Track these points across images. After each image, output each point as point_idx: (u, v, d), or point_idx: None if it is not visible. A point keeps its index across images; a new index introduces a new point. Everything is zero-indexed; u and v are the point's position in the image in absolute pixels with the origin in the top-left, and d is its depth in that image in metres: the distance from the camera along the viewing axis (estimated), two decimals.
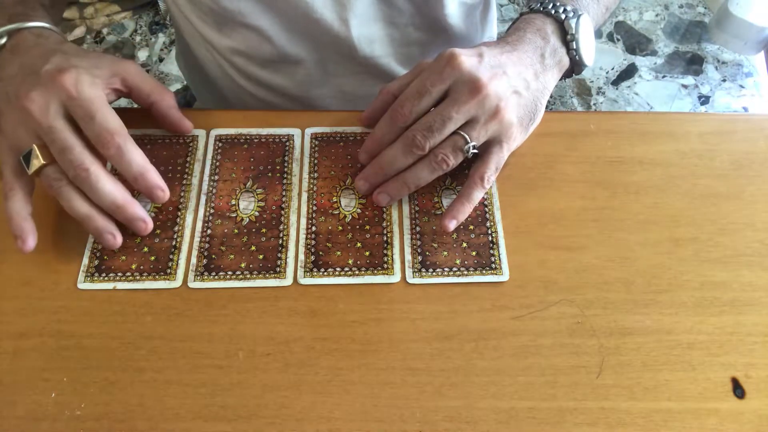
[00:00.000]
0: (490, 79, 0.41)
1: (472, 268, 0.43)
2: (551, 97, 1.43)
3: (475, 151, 0.42)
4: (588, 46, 0.47)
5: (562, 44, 0.46)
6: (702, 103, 1.43)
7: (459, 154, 0.42)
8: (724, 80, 1.46)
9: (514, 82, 0.43)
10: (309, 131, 0.49)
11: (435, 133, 0.41)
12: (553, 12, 0.46)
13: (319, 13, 0.51)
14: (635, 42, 1.53)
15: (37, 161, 0.40)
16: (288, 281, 0.42)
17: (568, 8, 0.46)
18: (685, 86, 1.45)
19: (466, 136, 0.42)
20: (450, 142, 0.42)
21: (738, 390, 0.39)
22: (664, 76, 1.47)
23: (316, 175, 0.47)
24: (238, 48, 0.56)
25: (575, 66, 0.47)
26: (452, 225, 0.42)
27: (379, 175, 0.44)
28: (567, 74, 0.48)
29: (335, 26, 0.53)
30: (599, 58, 1.48)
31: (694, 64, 1.49)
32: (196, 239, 0.44)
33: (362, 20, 0.53)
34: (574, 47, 0.46)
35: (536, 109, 0.45)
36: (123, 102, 1.49)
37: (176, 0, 0.56)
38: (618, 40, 1.53)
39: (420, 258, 0.43)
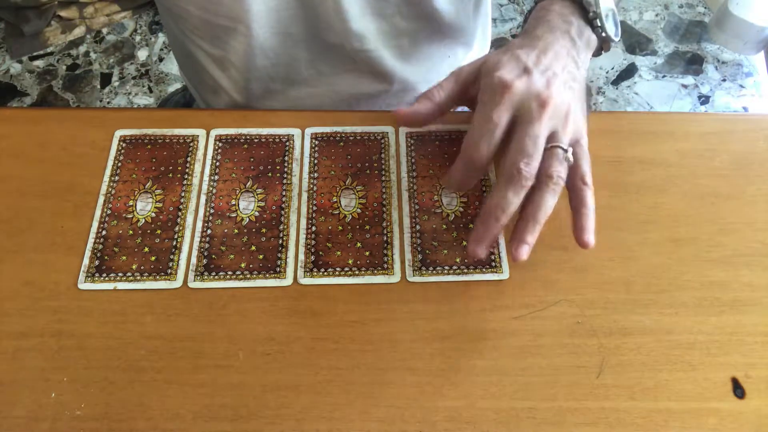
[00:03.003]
0: (547, 87, 0.41)
1: (472, 267, 0.43)
2: None
3: (571, 156, 0.41)
4: (611, 20, 0.46)
5: (586, 23, 0.45)
6: (702, 103, 1.43)
7: (565, 165, 0.40)
8: (724, 80, 1.46)
9: (565, 78, 0.42)
10: (309, 131, 0.49)
11: (534, 157, 0.39)
12: None
13: (318, 11, 0.51)
14: (635, 42, 1.53)
15: None
16: (288, 281, 0.42)
17: None
18: (685, 86, 1.45)
19: (561, 145, 0.40)
20: (552, 158, 0.40)
21: (738, 390, 0.39)
22: (664, 76, 1.47)
23: (316, 175, 0.47)
24: (231, 59, 0.56)
25: (603, 42, 0.47)
26: (591, 238, 0.40)
27: (495, 227, 0.39)
28: (596, 52, 0.48)
29: (334, 24, 0.53)
30: (599, 58, 1.48)
31: (694, 63, 1.49)
32: (197, 239, 0.44)
33: (353, 15, 0.53)
34: (599, 24, 0.45)
35: (584, 96, 0.44)
36: (123, 101, 1.49)
37: (168, 9, 0.56)
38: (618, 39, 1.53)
39: (420, 256, 0.43)
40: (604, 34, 0.46)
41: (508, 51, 0.43)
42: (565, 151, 0.40)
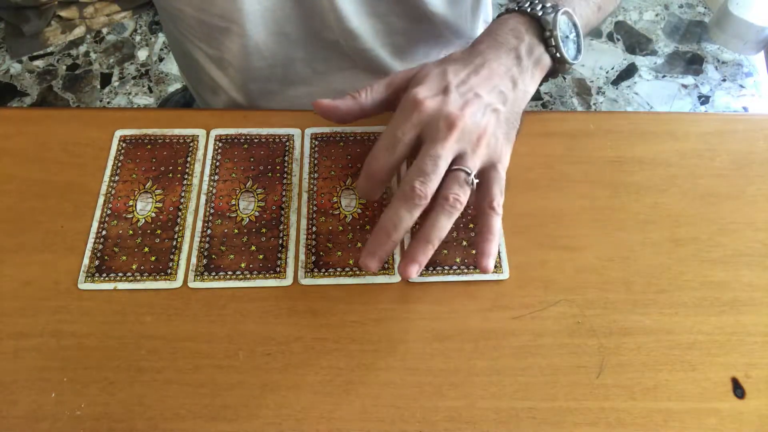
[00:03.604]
0: (461, 109, 0.40)
1: (472, 267, 0.43)
2: (551, 97, 1.43)
3: (477, 180, 0.40)
4: (571, 43, 0.45)
5: (540, 42, 0.44)
6: (702, 103, 1.43)
7: (466, 189, 0.39)
8: (724, 80, 1.46)
9: (489, 100, 0.41)
10: (309, 131, 0.49)
11: (431, 176, 0.38)
12: (528, 9, 0.44)
13: (314, 10, 0.51)
14: (635, 42, 1.53)
15: None
16: (288, 281, 0.42)
17: (547, 5, 0.44)
18: (685, 86, 1.45)
19: (465, 168, 0.39)
20: (452, 180, 0.39)
21: (738, 390, 0.39)
22: (664, 76, 1.47)
23: (316, 175, 0.47)
24: (228, 59, 0.56)
25: (558, 65, 0.45)
26: (490, 263, 0.40)
27: (387, 243, 0.39)
28: (551, 73, 0.46)
29: (331, 23, 0.53)
30: (599, 57, 1.48)
31: (694, 63, 1.49)
32: (196, 239, 0.44)
33: (348, 13, 0.53)
34: (553, 44, 0.44)
35: (517, 118, 0.43)
36: (123, 101, 1.49)
37: (165, 10, 0.56)
38: (618, 39, 1.53)
39: None
40: (558, 55, 0.44)
41: (441, 64, 0.42)
42: (468, 174, 0.39)
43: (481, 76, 0.42)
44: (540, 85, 0.47)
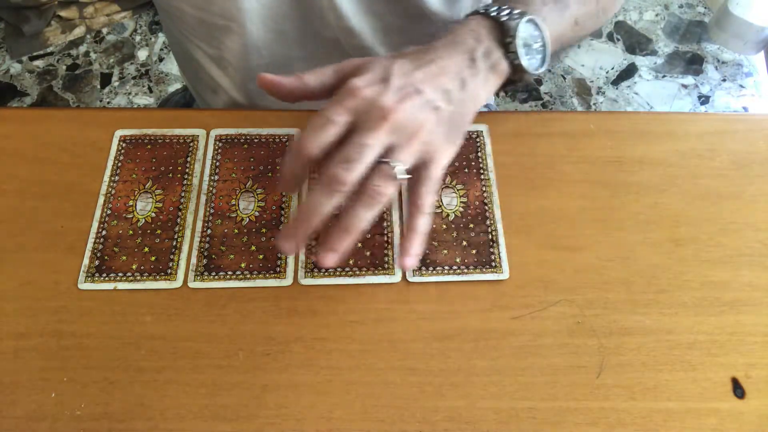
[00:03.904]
0: (398, 102, 0.39)
1: (472, 266, 0.43)
2: (551, 97, 1.43)
3: (407, 176, 0.39)
4: (534, 53, 0.44)
5: (499, 47, 0.43)
6: (702, 103, 1.43)
7: (390, 183, 0.38)
8: (724, 80, 1.46)
9: (431, 97, 0.40)
10: None
11: (355, 164, 0.37)
12: (494, 14, 0.43)
13: (313, 8, 0.51)
14: (635, 42, 1.53)
15: None
16: (288, 281, 0.42)
17: (515, 11, 0.43)
18: (685, 86, 1.45)
19: (392, 162, 0.38)
20: (377, 172, 0.38)
21: (738, 390, 0.39)
22: (664, 76, 1.47)
23: (316, 175, 0.47)
24: (227, 58, 0.56)
25: (518, 73, 0.44)
26: (411, 262, 0.39)
27: (304, 226, 0.38)
28: (512, 81, 0.45)
29: (330, 21, 0.52)
30: (599, 57, 1.48)
31: (694, 63, 1.49)
32: (196, 239, 0.44)
33: (346, 11, 0.53)
34: (513, 50, 0.43)
35: (463, 120, 0.42)
36: (123, 101, 1.49)
37: (165, 9, 0.56)
38: (618, 39, 1.53)
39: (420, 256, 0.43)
40: (517, 62, 0.43)
41: (391, 57, 0.42)
42: (394, 168, 0.38)
43: (427, 73, 0.41)
44: (501, 90, 0.46)
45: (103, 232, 0.44)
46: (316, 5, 0.52)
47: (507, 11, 0.43)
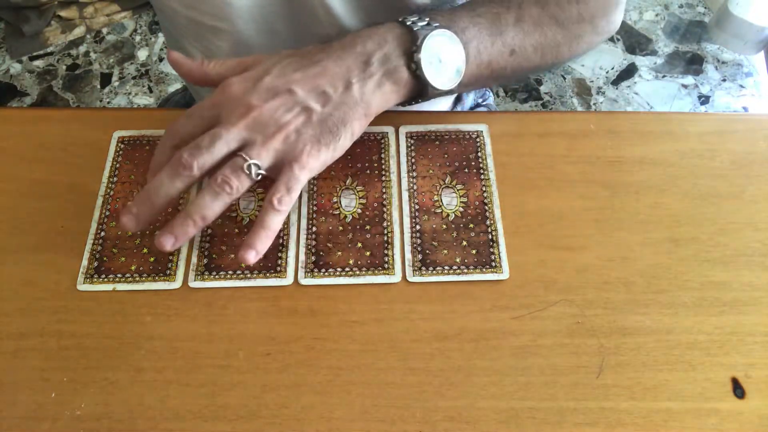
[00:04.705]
0: (263, 100, 0.40)
1: (472, 266, 0.43)
2: (551, 97, 1.43)
3: (262, 172, 0.39)
4: (441, 67, 0.43)
5: (403, 55, 0.42)
6: (702, 103, 1.43)
7: (242, 176, 0.39)
8: (724, 80, 1.46)
9: (303, 98, 0.40)
10: None
11: (203, 151, 0.39)
12: (408, 22, 0.43)
13: (304, 7, 0.51)
14: (635, 42, 1.53)
15: None
16: (288, 281, 0.42)
17: (433, 24, 0.43)
18: (685, 86, 1.45)
19: (245, 155, 0.39)
20: (229, 165, 0.39)
21: (738, 390, 0.39)
22: (664, 76, 1.47)
23: (316, 175, 0.47)
24: (220, 57, 0.56)
25: (423, 85, 0.43)
26: (251, 256, 0.39)
27: (146, 204, 0.40)
28: (416, 94, 0.44)
29: (321, 18, 0.52)
30: (599, 57, 1.48)
31: (694, 63, 1.49)
32: (197, 238, 0.44)
33: (337, 9, 0.53)
34: (416, 59, 0.42)
35: (342, 123, 0.41)
36: (123, 101, 1.49)
37: (159, 9, 0.56)
38: (618, 39, 1.53)
39: (420, 256, 0.43)
40: (418, 72, 0.42)
41: (283, 56, 0.43)
42: (247, 161, 0.39)
43: (306, 74, 0.41)
44: (409, 103, 0.45)
45: (102, 234, 0.44)
46: (307, 3, 0.52)
47: (424, 22, 0.43)
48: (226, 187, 0.39)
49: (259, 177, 0.40)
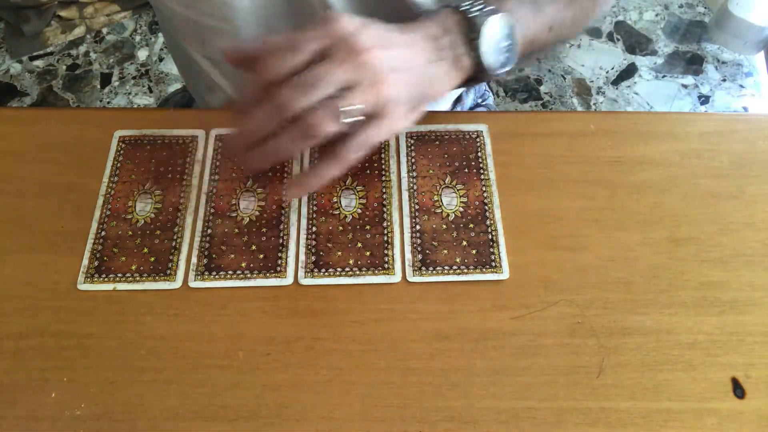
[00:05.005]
0: (372, 46, 0.37)
1: (472, 266, 0.43)
2: (551, 97, 1.43)
3: (357, 118, 0.37)
4: (499, 53, 0.43)
5: (466, 41, 0.42)
6: (702, 103, 1.43)
7: (335, 122, 0.36)
8: (724, 80, 1.46)
9: (401, 59, 0.39)
10: None
11: (304, 89, 0.36)
12: (463, 8, 0.43)
13: (305, 8, 0.51)
14: (635, 42, 1.53)
15: None
16: (288, 281, 0.42)
17: (486, 8, 0.42)
18: (685, 86, 1.45)
19: (345, 102, 0.36)
20: (324, 107, 0.36)
21: (738, 390, 0.39)
22: (664, 76, 1.47)
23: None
24: (220, 57, 0.56)
25: (479, 72, 0.43)
26: (292, 193, 0.39)
27: (242, 135, 0.38)
28: (472, 79, 0.44)
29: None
30: (599, 57, 1.48)
31: (694, 63, 1.49)
32: (197, 239, 0.44)
33: (338, 9, 0.53)
34: (477, 47, 0.42)
35: (426, 93, 0.41)
36: (123, 101, 1.48)
37: (158, 10, 0.56)
38: (618, 39, 1.53)
39: (420, 256, 0.43)
40: (479, 59, 0.42)
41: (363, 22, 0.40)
42: (345, 106, 0.36)
43: (398, 39, 0.40)
44: (460, 87, 0.45)
45: (102, 233, 0.44)
46: (307, 3, 0.52)
47: (479, 7, 0.43)
48: (317, 130, 0.36)
49: (346, 126, 0.37)
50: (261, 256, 0.43)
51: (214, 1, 0.50)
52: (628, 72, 1.48)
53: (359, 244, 0.44)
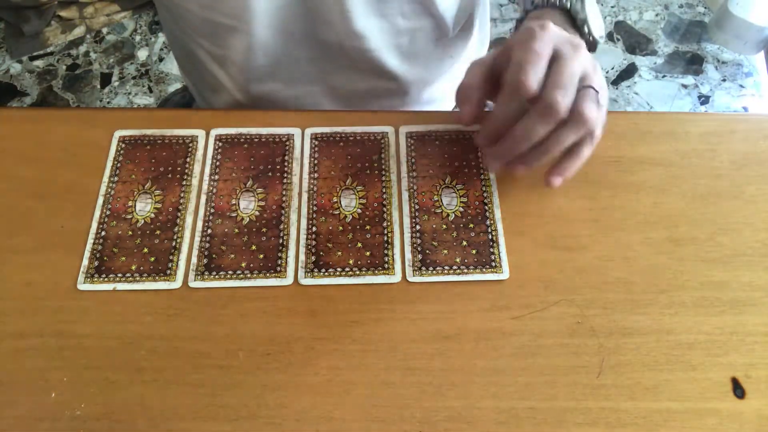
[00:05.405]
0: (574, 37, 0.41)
1: (472, 266, 0.43)
2: None
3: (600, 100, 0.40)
4: (597, 24, 0.47)
5: (574, 30, 0.46)
6: (702, 103, 1.43)
7: (597, 107, 0.39)
8: (724, 80, 1.46)
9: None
10: (309, 131, 0.49)
11: (569, 91, 0.39)
12: (557, 3, 0.46)
13: (321, 10, 0.51)
14: (635, 42, 1.53)
15: None
16: (288, 281, 0.42)
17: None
18: (685, 86, 1.45)
19: (594, 86, 0.40)
20: (585, 97, 0.39)
21: (738, 390, 0.39)
22: (664, 76, 1.47)
23: (316, 175, 0.47)
24: (231, 57, 0.56)
25: (590, 46, 0.47)
26: (557, 181, 0.42)
27: (514, 150, 0.41)
28: None
29: (336, 23, 0.53)
30: (599, 57, 1.48)
31: (694, 63, 1.49)
32: (197, 239, 0.44)
33: (356, 14, 0.53)
34: (587, 30, 0.46)
35: None
36: (123, 101, 1.48)
37: (168, 9, 0.56)
38: (618, 39, 1.53)
39: (420, 256, 0.43)
40: (591, 39, 0.46)
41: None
42: (597, 92, 0.40)
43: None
44: None
45: (102, 233, 0.44)
46: (324, 7, 0.52)
47: None
48: (589, 122, 0.39)
49: (601, 107, 0.40)
50: (261, 256, 0.43)
51: (233, 2, 0.50)
52: (628, 72, 1.48)
53: (359, 244, 0.44)
